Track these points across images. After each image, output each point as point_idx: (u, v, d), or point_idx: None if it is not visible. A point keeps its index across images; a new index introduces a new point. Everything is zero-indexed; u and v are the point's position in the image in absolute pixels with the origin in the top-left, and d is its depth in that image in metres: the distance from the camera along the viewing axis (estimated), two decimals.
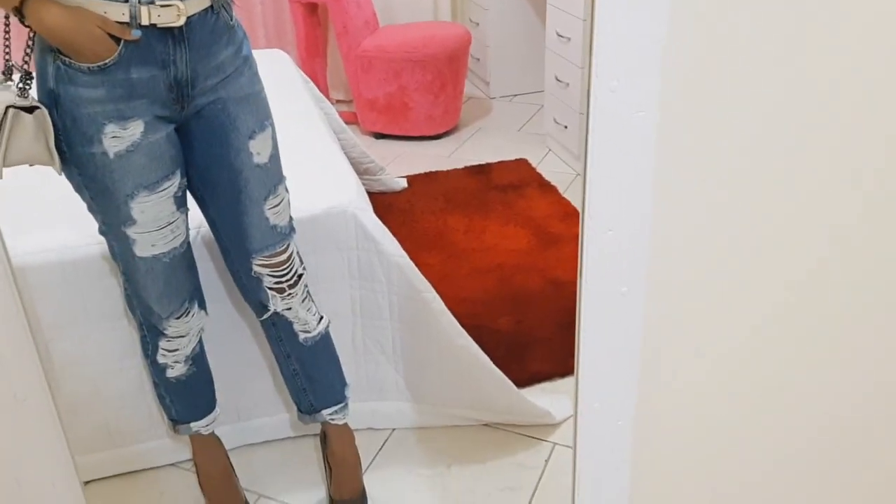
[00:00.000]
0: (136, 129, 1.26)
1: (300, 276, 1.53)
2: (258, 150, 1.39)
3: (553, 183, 3.11)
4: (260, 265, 1.47)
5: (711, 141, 0.86)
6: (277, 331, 1.57)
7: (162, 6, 1.20)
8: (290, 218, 1.50)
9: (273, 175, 1.43)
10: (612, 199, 0.80)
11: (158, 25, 1.21)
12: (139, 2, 1.19)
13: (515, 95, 4.07)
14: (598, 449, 0.93)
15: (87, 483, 1.82)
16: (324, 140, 2.17)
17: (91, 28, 1.18)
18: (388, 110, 3.53)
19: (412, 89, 3.46)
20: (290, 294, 1.51)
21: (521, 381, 2.03)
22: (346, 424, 1.72)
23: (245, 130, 1.37)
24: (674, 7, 0.78)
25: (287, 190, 1.48)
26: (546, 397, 2.00)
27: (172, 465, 1.87)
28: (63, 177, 1.33)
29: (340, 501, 1.70)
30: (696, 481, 1.07)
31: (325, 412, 1.66)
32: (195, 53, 1.27)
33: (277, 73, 2.60)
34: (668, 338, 0.92)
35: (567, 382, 2.08)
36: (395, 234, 1.86)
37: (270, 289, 1.49)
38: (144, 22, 1.20)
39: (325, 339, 1.62)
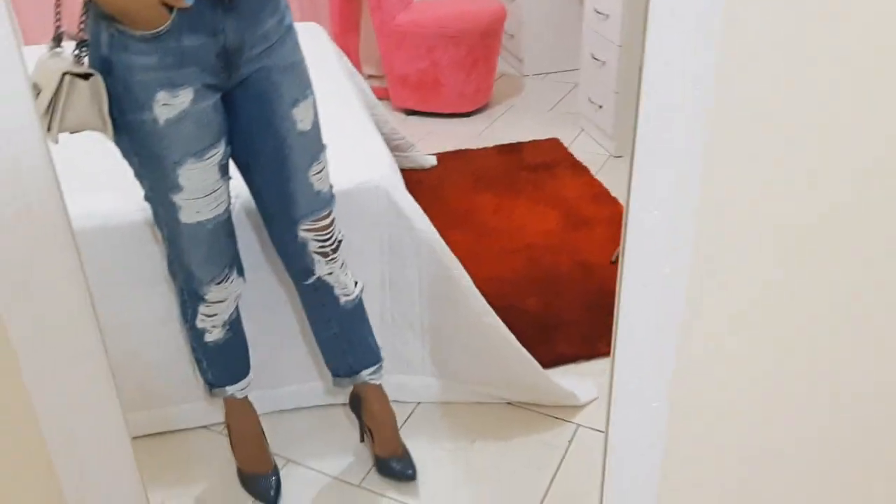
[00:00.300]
0: (185, 96, 1.29)
1: (340, 241, 1.58)
2: (301, 117, 1.43)
3: (585, 163, 3.10)
4: (305, 230, 1.51)
5: (765, 121, 0.85)
6: (320, 295, 1.62)
7: None
8: (331, 185, 1.54)
9: (316, 142, 1.48)
10: (658, 179, 0.81)
11: None
12: None
13: (549, 73, 4.04)
14: (631, 430, 0.95)
15: None
16: (357, 115, 2.18)
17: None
18: (420, 87, 3.53)
19: (444, 65, 3.45)
20: (332, 259, 1.57)
21: (547, 362, 2.05)
22: (381, 385, 1.76)
23: (289, 98, 1.40)
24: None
25: (327, 157, 1.53)
26: (571, 379, 2.02)
27: (205, 427, 1.92)
28: (111, 144, 1.36)
29: (388, 459, 1.75)
30: (730, 467, 1.08)
31: (363, 373, 1.72)
32: (243, 21, 1.30)
33: (312, 47, 2.60)
34: (709, 321, 0.93)
35: (592, 365, 2.10)
36: (424, 212, 1.88)
37: (316, 253, 1.54)
38: None
39: (361, 303, 1.68)
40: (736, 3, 0.79)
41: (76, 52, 1.27)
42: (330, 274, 1.58)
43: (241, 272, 1.57)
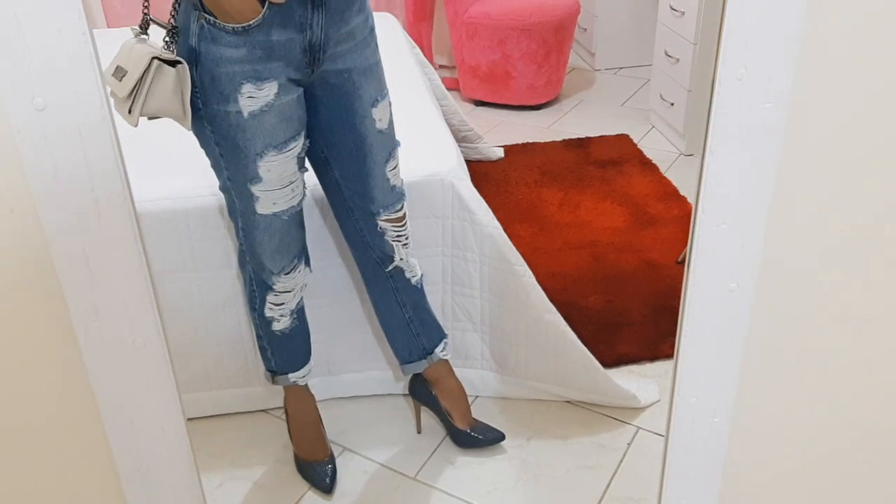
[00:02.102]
0: (270, 90, 1.31)
1: (409, 230, 1.65)
2: (380, 116, 1.46)
3: (654, 161, 3.03)
4: (384, 221, 1.56)
5: (840, 140, 0.81)
6: (395, 281, 1.66)
7: None
8: (402, 180, 1.59)
9: (391, 139, 1.51)
10: (728, 192, 0.77)
11: None
12: None
13: (620, 68, 3.96)
14: (692, 445, 0.92)
15: None
16: (427, 106, 2.18)
17: None
18: (490, 78, 3.51)
19: (516, 58, 3.42)
20: (406, 244, 1.62)
21: (609, 361, 2.01)
22: (449, 360, 1.80)
23: (368, 99, 1.43)
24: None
25: (398, 154, 1.56)
26: (633, 380, 1.98)
27: (264, 411, 1.96)
28: (188, 132, 1.37)
29: (470, 430, 1.79)
30: (791, 483, 1.04)
31: (437, 350, 1.75)
32: (330, 18, 1.31)
33: (386, 37, 2.62)
34: (774, 338, 0.89)
35: (655, 367, 2.05)
36: (489, 204, 1.86)
37: (394, 241, 1.59)
38: None
39: (423, 282, 1.74)
40: (817, 16, 0.75)
41: (166, 38, 1.28)
42: (402, 259, 1.63)
43: (307, 263, 1.59)
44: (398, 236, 1.59)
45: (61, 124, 0.77)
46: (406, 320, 1.71)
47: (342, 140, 1.45)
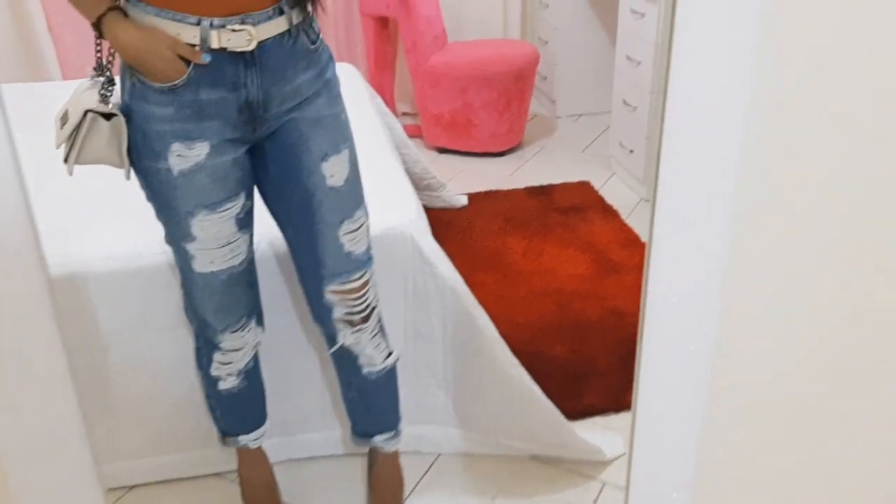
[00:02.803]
0: (201, 150, 1.27)
1: (373, 309, 1.48)
2: (332, 172, 1.36)
3: (616, 207, 3.04)
4: (332, 293, 1.42)
5: (791, 212, 0.81)
6: (341, 361, 1.55)
7: (233, 30, 1.20)
8: (369, 246, 1.45)
9: (349, 199, 1.40)
10: (680, 262, 0.75)
11: (229, 49, 1.21)
12: (210, 25, 1.19)
13: (581, 115, 4.01)
14: None
15: (133, 487, 1.85)
16: (387, 158, 2.16)
17: (162, 50, 1.19)
18: (453, 126, 3.52)
19: (478, 106, 3.44)
20: (359, 329, 1.47)
21: (574, 413, 1.98)
22: (395, 452, 1.70)
23: (318, 152, 1.34)
24: (757, 62, 0.73)
25: (367, 215, 1.44)
26: (599, 433, 1.94)
27: (217, 474, 1.88)
28: (132, 181, 1.34)
29: None
30: None
31: (377, 438, 1.65)
32: (268, 76, 1.26)
33: (345, 87, 2.58)
34: (733, 405, 0.87)
35: (622, 418, 2.02)
36: (452, 253, 1.84)
37: (340, 320, 1.45)
38: (214, 45, 1.20)
39: (390, 373, 1.58)
40: (763, 88, 0.74)
41: (101, 90, 1.26)
42: (356, 344, 1.48)
43: (260, 321, 1.53)
44: (348, 315, 1.44)
45: None
46: (350, 398, 1.62)
47: (290, 196, 1.38)
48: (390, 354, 1.56)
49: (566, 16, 3.76)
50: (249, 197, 1.38)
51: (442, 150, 3.64)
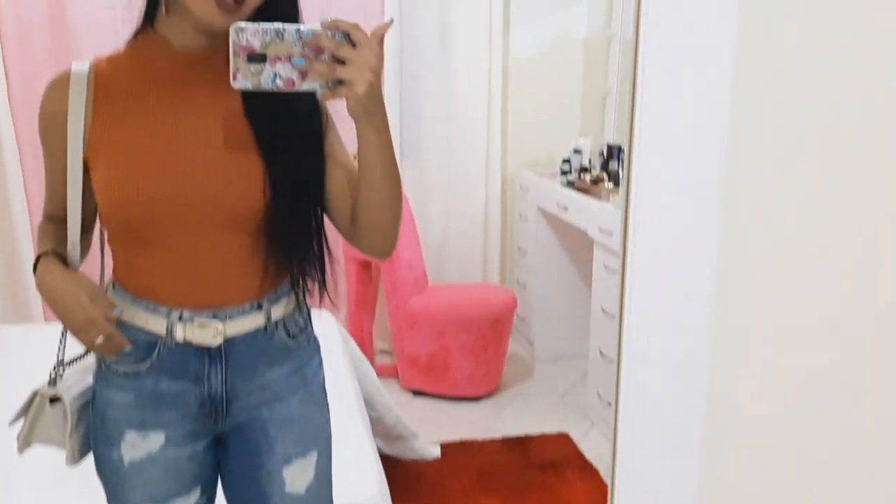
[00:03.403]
0: (155, 441, 1.21)
1: None
2: (292, 478, 1.27)
3: (595, 465, 2.93)
4: None
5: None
6: None
7: (199, 325, 1.18)
8: None
9: None
10: None
11: (194, 343, 1.19)
12: (180, 318, 1.17)
13: (559, 359, 4.00)
14: None
15: None
16: (353, 421, 2.09)
17: (78, 293, 1.11)
18: (430, 368, 3.49)
19: (455, 349, 3.43)
20: None
21: None
22: None
23: (281, 455, 1.26)
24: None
25: None
26: None
27: None
28: (75, 467, 1.28)
29: None
30: None
31: None
32: (234, 371, 1.21)
33: (320, 338, 2.60)
34: None
35: None
36: None
37: None
38: (178, 338, 1.17)
39: None
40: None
41: (51, 373, 1.24)
42: None
43: None
44: None
45: None
46: None
47: (246, 495, 1.29)
48: None
49: (543, 265, 3.88)
50: (207, 492, 1.29)
51: (417, 393, 3.57)
